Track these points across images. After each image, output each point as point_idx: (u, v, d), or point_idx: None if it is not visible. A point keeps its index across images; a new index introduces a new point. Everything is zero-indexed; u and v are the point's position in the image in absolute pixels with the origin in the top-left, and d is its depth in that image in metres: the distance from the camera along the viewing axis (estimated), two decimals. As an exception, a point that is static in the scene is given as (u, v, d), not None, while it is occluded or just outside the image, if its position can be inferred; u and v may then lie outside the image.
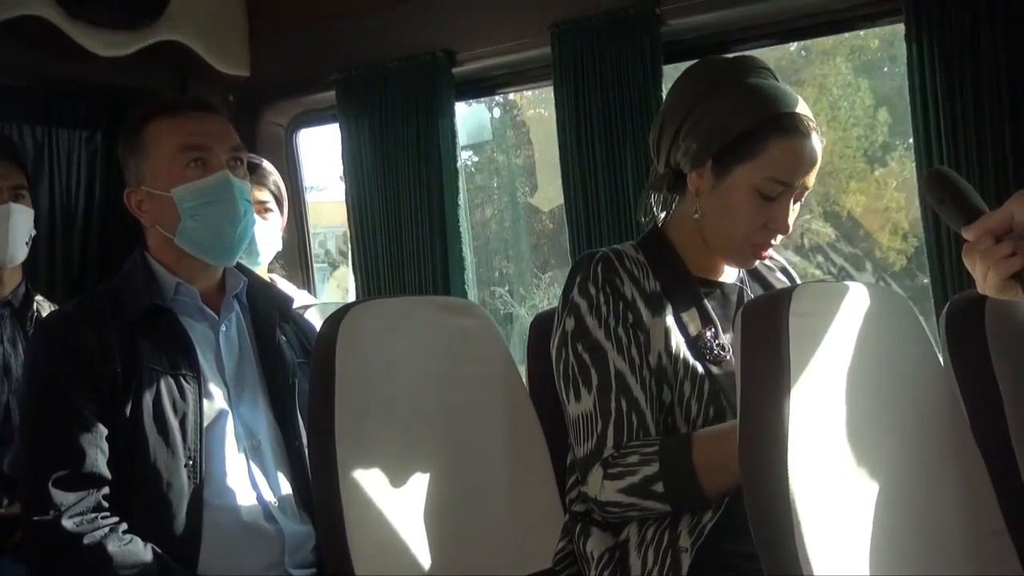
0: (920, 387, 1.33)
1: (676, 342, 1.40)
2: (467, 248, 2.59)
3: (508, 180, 4.59)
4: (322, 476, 1.35)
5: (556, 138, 2.41)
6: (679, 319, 1.43)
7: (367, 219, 2.69)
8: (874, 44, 3.90)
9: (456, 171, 2.57)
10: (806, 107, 1.41)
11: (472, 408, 1.55)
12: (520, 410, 1.61)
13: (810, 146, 1.39)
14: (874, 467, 1.13)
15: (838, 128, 3.99)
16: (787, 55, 3.88)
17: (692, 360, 1.40)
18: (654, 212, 1.54)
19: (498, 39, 2.49)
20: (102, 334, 1.50)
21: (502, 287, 4.40)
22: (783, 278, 1.61)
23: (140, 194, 1.59)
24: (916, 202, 2.64)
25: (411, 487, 1.41)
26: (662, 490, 1.32)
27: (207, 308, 1.62)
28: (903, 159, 3.89)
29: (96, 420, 1.46)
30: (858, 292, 1.22)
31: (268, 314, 1.68)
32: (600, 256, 1.45)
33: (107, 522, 1.44)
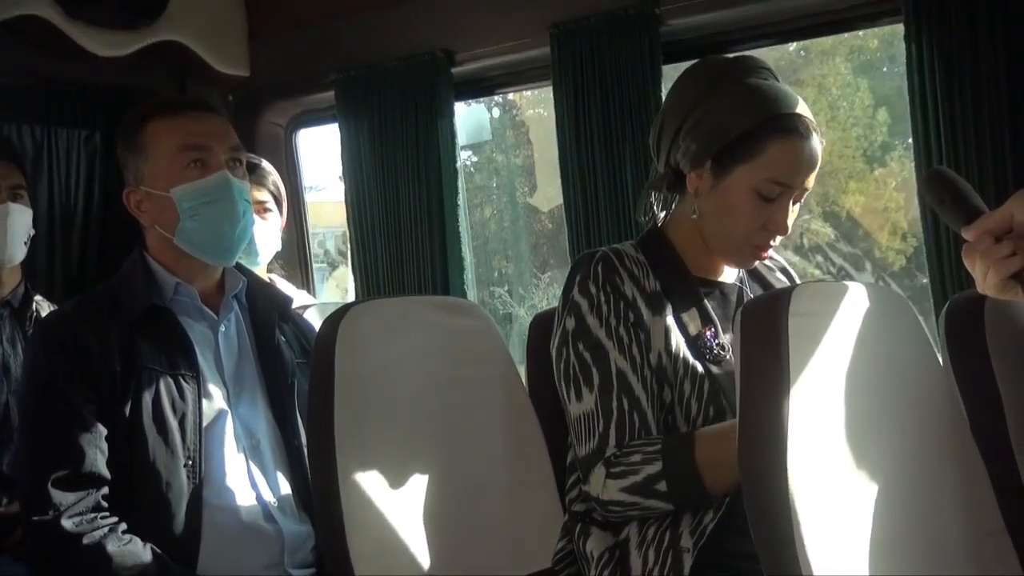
0: (919, 387, 1.33)
1: (676, 341, 1.40)
2: (466, 248, 2.59)
3: (507, 180, 4.59)
4: (321, 476, 1.35)
5: (555, 138, 2.41)
6: (679, 319, 1.42)
7: (366, 219, 2.69)
8: (873, 44, 3.90)
9: (455, 171, 2.57)
10: (806, 108, 1.41)
11: (471, 408, 1.55)
12: (519, 410, 1.61)
13: (810, 147, 1.39)
14: (873, 467, 1.13)
15: (837, 128, 3.98)
16: (786, 55, 3.87)
17: (692, 359, 1.40)
18: (654, 211, 1.54)
19: (497, 39, 2.49)
20: (101, 334, 1.50)
21: (501, 287, 4.39)
22: (783, 278, 1.61)
23: (139, 194, 1.59)
24: (915, 202, 2.64)
25: (410, 487, 1.41)
26: (665, 489, 1.32)
27: (206, 308, 1.62)
28: (902, 159, 3.89)
29: (95, 420, 1.46)
30: (857, 292, 1.22)
31: (267, 314, 1.68)
32: (600, 255, 1.45)
33: (106, 522, 1.44)
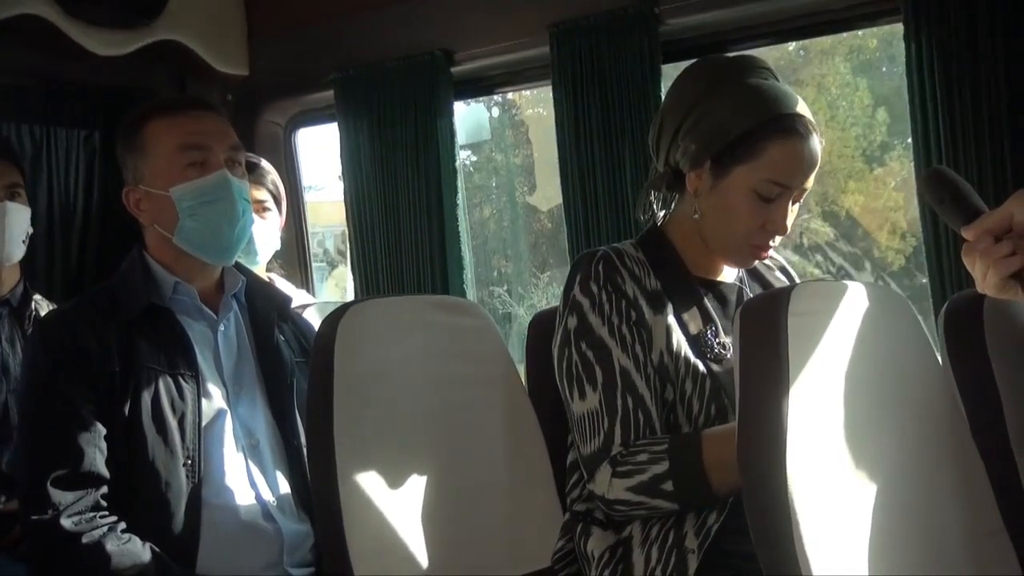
0: (919, 386, 1.33)
1: (677, 340, 1.40)
2: (466, 247, 2.59)
3: (507, 179, 4.58)
4: (321, 475, 1.35)
5: (555, 137, 2.41)
6: (680, 318, 1.42)
7: (366, 218, 2.69)
8: (873, 44, 3.90)
9: (455, 170, 2.57)
10: (806, 107, 1.41)
11: (471, 407, 1.55)
12: (519, 409, 1.61)
13: (809, 147, 1.38)
14: (872, 466, 1.13)
15: (836, 128, 3.98)
16: (785, 54, 3.87)
17: (693, 358, 1.40)
18: (653, 210, 1.54)
19: (497, 39, 2.49)
20: (100, 333, 1.50)
21: (501, 287, 4.39)
22: (782, 277, 1.61)
23: (138, 193, 1.59)
24: (914, 201, 2.64)
25: (409, 486, 1.41)
26: (671, 489, 1.31)
27: (205, 307, 1.61)
28: (901, 158, 3.89)
29: (94, 419, 1.46)
30: (857, 291, 1.22)
31: (266, 313, 1.68)
32: (601, 254, 1.45)
33: (105, 521, 1.44)
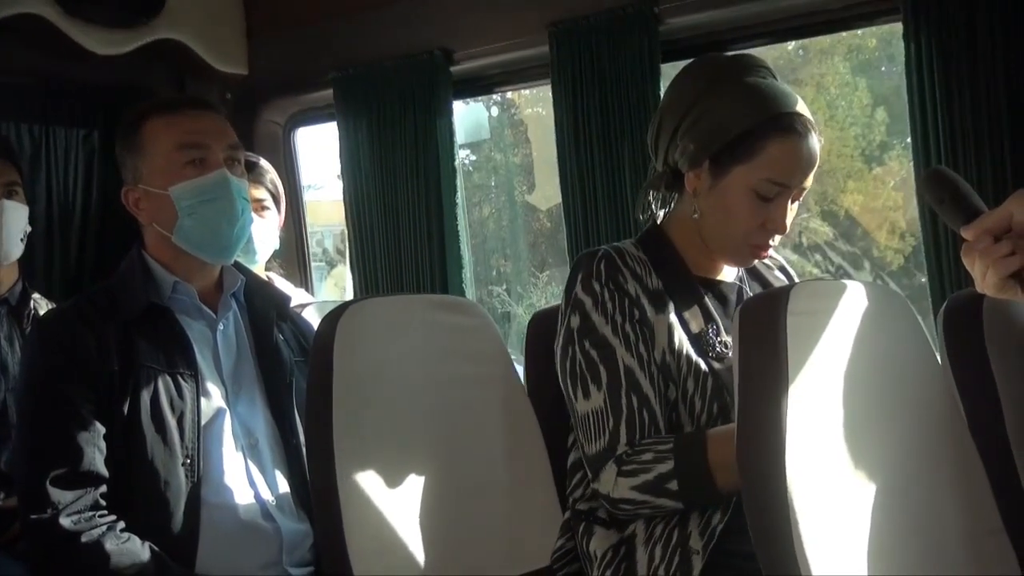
0: (918, 386, 1.33)
1: (679, 339, 1.40)
2: (465, 247, 2.59)
3: (506, 179, 4.59)
4: (320, 474, 1.35)
5: (554, 136, 2.41)
6: (681, 316, 1.42)
7: (365, 218, 2.69)
8: (872, 43, 3.90)
9: (454, 170, 2.57)
10: (805, 107, 1.41)
11: (470, 407, 1.55)
12: (518, 409, 1.61)
13: (808, 147, 1.38)
14: (872, 466, 1.13)
15: (836, 127, 3.98)
16: (785, 54, 3.87)
17: (695, 357, 1.40)
18: (652, 210, 1.54)
19: (496, 38, 2.49)
20: (100, 333, 1.50)
21: (500, 286, 4.40)
22: (781, 276, 1.61)
23: (137, 192, 1.59)
24: (914, 201, 2.64)
25: (409, 485, 1.41)
26: (676, 488, 1.31)
27: (205, 307, 1.61)
28: (901, 158, 3.89)
29: (94, 419, 1.46)
30: (856, 291, 1.23)
31: (266, 313, 1.68)
32: (603, 253, 1.45)
33: (105, 520, 1.44)
